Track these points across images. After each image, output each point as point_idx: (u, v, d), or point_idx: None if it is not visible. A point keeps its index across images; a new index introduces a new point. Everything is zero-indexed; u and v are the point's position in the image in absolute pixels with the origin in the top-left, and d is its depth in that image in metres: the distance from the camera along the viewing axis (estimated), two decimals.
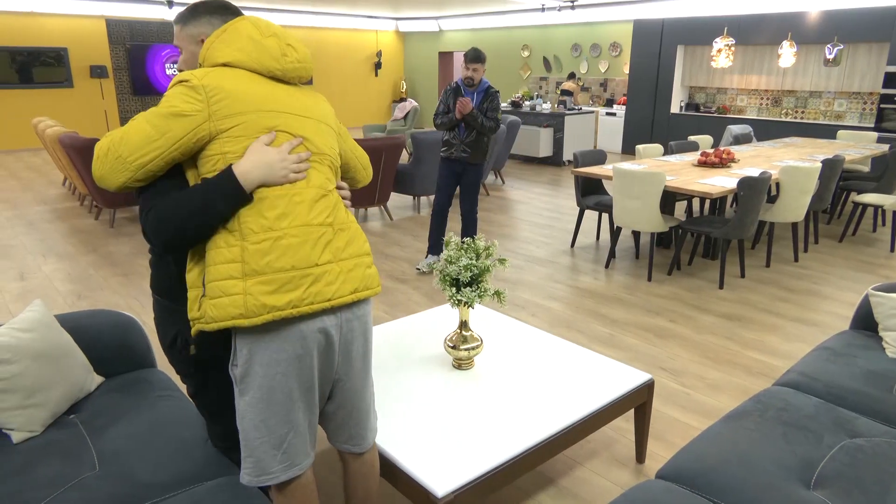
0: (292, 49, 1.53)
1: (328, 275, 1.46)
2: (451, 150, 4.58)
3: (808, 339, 3.73)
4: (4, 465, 1.70)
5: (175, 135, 1.38)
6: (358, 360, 1.60)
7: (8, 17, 10.80)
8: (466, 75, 4.44)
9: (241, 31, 1.48)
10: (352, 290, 1.50)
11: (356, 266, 1.53)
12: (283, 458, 1.52)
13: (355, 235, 1.56)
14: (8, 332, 1.87)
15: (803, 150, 6.63)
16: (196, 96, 1.38)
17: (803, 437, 1.86)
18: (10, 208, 6.92)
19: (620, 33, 11.55)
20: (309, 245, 1.44)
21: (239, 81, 1.44)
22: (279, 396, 1.47)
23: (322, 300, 1.44)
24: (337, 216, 1.53)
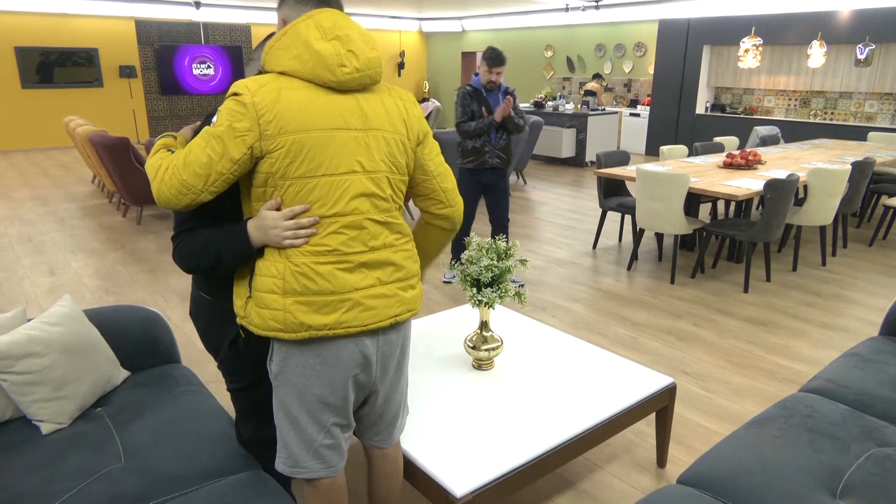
0: (353, 56, 1.39)
1: (368, 300, 1.45)
2: (483, 157, 4.22)
3: (836, 345, 3.66)
4: (34, 455, 1.74)
5: (232, 155, 1.36)
6: (393, 370, 1.61)
7: (41, 19, 11.06)
8: (489, 79, 4.16)
9: (299, 35, 1.38)
10: (392, 315, 1.50)
11: (400, 290, 1.51)
12: (316, 455, 1.55)
13: (407, 256, 1.53)
14: (39, 326, 1.92)
15: (832, 151, 6.50)
16: (246, 114, 1.35)
17: (830, 444, 1.82)
18: (42, 205, 7.08)
19: (645, 33, 11.43)
20: (349, 271, 1.43)
21: (295, 95, 1.37)
22: (311, 398, 1.50)
23: (359, 325, 1.45)
24: (387, 239, 1.49)
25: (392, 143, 1.48)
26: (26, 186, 8.14)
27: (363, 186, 1.43)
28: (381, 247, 1.48)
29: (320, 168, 1.39)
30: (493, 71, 4.15)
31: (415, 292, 1.56)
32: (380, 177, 1.46)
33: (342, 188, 1.41)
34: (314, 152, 1.38)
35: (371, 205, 1.45)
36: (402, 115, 1.51)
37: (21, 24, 10.87)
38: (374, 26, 14.86)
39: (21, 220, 6.40)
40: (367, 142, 1.44)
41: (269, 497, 1.61)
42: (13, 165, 9.81)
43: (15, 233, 5.91)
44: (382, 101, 1.48)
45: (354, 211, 1.43)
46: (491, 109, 4.20)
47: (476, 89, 4.24)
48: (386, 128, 1.47)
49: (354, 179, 1.42)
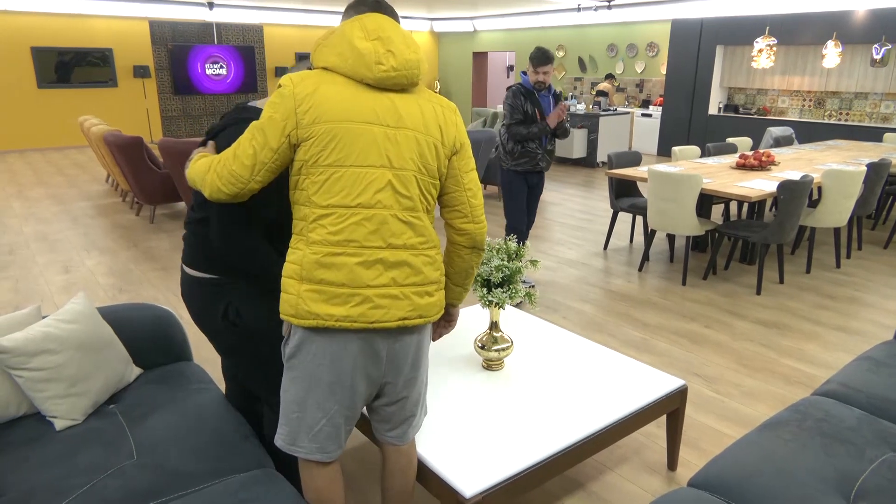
0: (391, 56, 1.44)
1: (380, 298, 1.48)
2: (535, 160, 4.09)
3: (850, 348, 3.62)
4: (48, 451, 1.76)
5: (272, 144, 1.43)
6: (406, 369, 1.62)
7: (57, 19, 11.18)
8: (537, 79, 3.98)
9: (345, 34, 1.46)
10: (400, 317, 1.51)
11: (414, 294, 1.52)
12: (314, 439, 1.59)
13: (427, 262, 1.54)
14: (53, 324, 1.94)
15: (847, 153, 6.43)
16: (285, 103, 1.43)
17: (844, 449, 1.80)
18: (57, 203, 7.16)
19: (658, 33, 11.37)
20: (364, 266, 1.46)
21: (333, 88, 1.44)
22: (319, 385, 1.54)
23: (365, 321, 1.48)
24: (410, 240, 1.50)
25: (423, 144, 1.50)
26: (42, 185, 8.24)
27: (388, 182, 1.46)
28: (402, 246, 1.50)
29: (349, 158, 1.44)
30: (539, 70, 3.99)
31: (432, 300, 1.56)
32: (407, 175, 1.49)
33: (368, 180, 1.45)
34: (344, 142, 1.43)
35: (395, 201, 1.48)
36: (437, 119, 1.53)
37: (37, 25, 11.00)
38: None
39: (36, 218, 6.48)
40: (398, 139, 1.47)
41: (280, 494, 1.62)
42: (29, 164, 9.93)
43: (31, 231, 5.98)
44: (419, 104, 1.52)
45: (378, 204, 1.46)
46: (542, 111, 4.06)
47: (528, 90, 4.07)
48: (419, 128, 1.50)
49: (380, 174, 1.46)
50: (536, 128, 3.99)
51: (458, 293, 1.73)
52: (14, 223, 6.25)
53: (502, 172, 4.25)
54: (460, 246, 1.64)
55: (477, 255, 1.67)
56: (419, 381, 1.69)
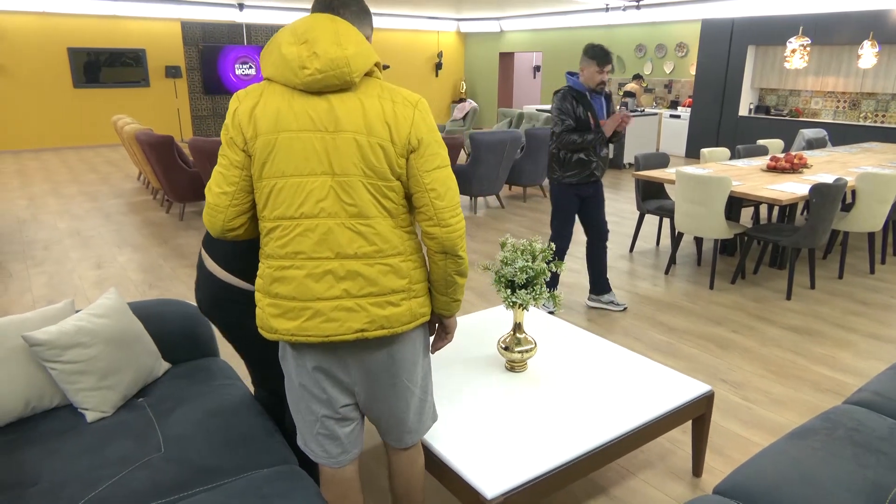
0: (315, 58, 1.36)
1: (332, 311, 1.44)
2: (590, 170, 3.75)
3: (884, 356, 3.52)
4: (79, 442, 1.81)
5: (234, 160, 1.45)
6: (383, 380, 1.58)
7: (92, 21, 11.45)
8: (601, 80, 3.64)
9: (277, 41, 1.41)
10: (356, 329, 1.45)
11: (372, 305, 1.46)
12: (316, 441, 1.65)
13: (386, 270, 1.46)
14: (86, 318, 1.99)
15: (883, 156, 6.27)
16: (234, 121, 1.44)
17: (875, 459, 1.76)
18: (90, 200, 7.33)
19: (687, 33, 11.22)
20: (313, 279, 1.43)
21: (271, 99, 1.41)
22: (301, 389, 1.61)
23: (320, 335, 1.45)
24: (362, 249, 1.44)
25: (365, 146, 1.40)
26: (76, 182, 8.44)
27: (330, 189, 1.41)
28: (353, 256, 1.44)
29: (287, 168, 1.41)
30: (604, 70, 3.63)
31: (397, 309, 1.48)
32: (351, 181, 1.41)
33: (308, 189, 1.41)
34: (282, 153, 1.40)
35: (341, 209, 1.42)
36: (385, 117, 1.42)
37: (73, 26, 11.28)
38: (411, 27, 14.94)
39: (71, 214, 6.64)
40: (337, 144, 1.40)
41: (304, 491, 1.64)
42: (64, 162, 10.18)
43: (65, 227, 6.13)
44: (362, 102, 1.41)
45: (321, 213, 1.42)
46: (597, 116, 3.70)
47: (579, 92, 3.68)
48: (359, 130, 1.40)
49: (321, 182, 1.41)
50: (592, 136, 3.63)
51: (443, 303, 1.60)
52: (49, 219, 6.42)
53: (551, 183, 3.89)
54: (432, 251, 1.53)
55: (452, 261, 1.52)
56: (404, 394, 1.62)
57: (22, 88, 11.05)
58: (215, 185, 1.47)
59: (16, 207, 6.93)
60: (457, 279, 1.56)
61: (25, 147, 11.32)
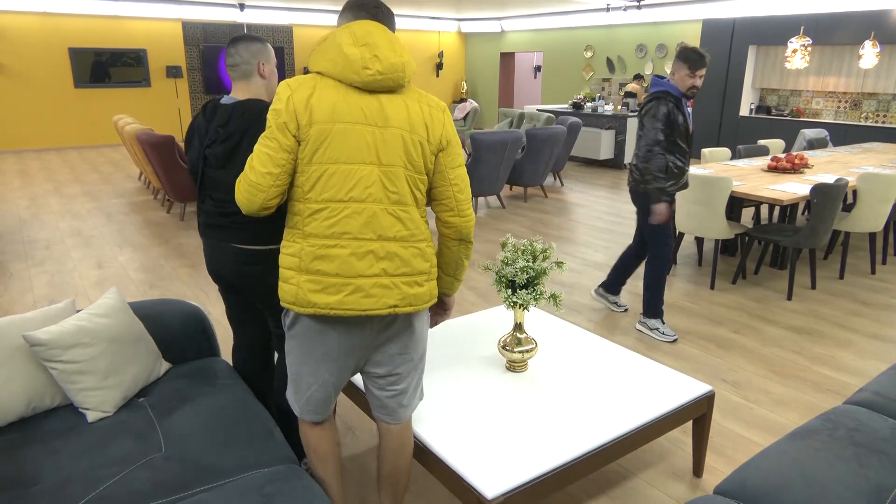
0: (377, 60, 1.53)
1: (371, 287, 1.59)
2: (683, 178, 3.54)
3: (885, 356, 3.52)
4: (80, 442, 1.81)
5: (285, 144, 1.55)
6: (396, 351, 1.74)
7: (94, 21, 11.46)
8: (693, 84, 3.44)
9: (336, 41, 1.56)
10: (390, 305, 1.62)
11: (404, 284, 1.63)
12: (308, 401, 1.78)
13: (417, 254, 1.65)
14: (87, 318, 1.99)
15: (885, 156, 6.26)
16: (285, 109, 1.55)
17: (877, 460, 1.76)
18: (92, 200, 7.34)
19: (688, 33, 11.21)
20: (356, 257, 1.58)
21: (325, 92, 1.55)
22: (311, 356, 1.71)
23: (358, 309, 1.60)
24: (399, 232, 1.61)
25: (409, 142, 1.59)
26: (78, 182, 8.45)
27: (377, 177, 1.58)
28: (392, 238, 1.60)
29: (340, 156, 1.55)
30: (697, 74, 3.41)
31: (421, 290, 1.66)
32: (395, 171, 1.59)
33: (358, 176, 1.56)
34: (336, 142, 1.54)
35: (385, 196, 1.59)
36: (424, 118, 1.62)
37: (75, 27, 11.29)
38: (412, 27, 14.94)
39: (72, 214, 6.65)
40: (385, 137, 1.57)
41: (305, 491, 1.64)
42: (66, 162, 10.19)
43: (66, 227, 6.14)
44: (406, 104, 1.60)
45: (368, 198, 1.57)
46: (689, 125, 3.52)
47: (676, 97, 3.44)
48: (405, 127, 1.59)
49: (370, 170, 1.57)
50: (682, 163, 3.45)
51: (449, 283, 1.82)
52: (51, 219, 6.43)
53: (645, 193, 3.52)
54: (448, 238, 1.73)
55: (465, 246, 1.75)
56: (411, 365, 1.78)
57: (23, 88, 11.06)
58: (260, 166, 1.55)
59: (17, 207, 6.94)
60: (465, 262, 1.80)
61: (27, 147, 11.33)
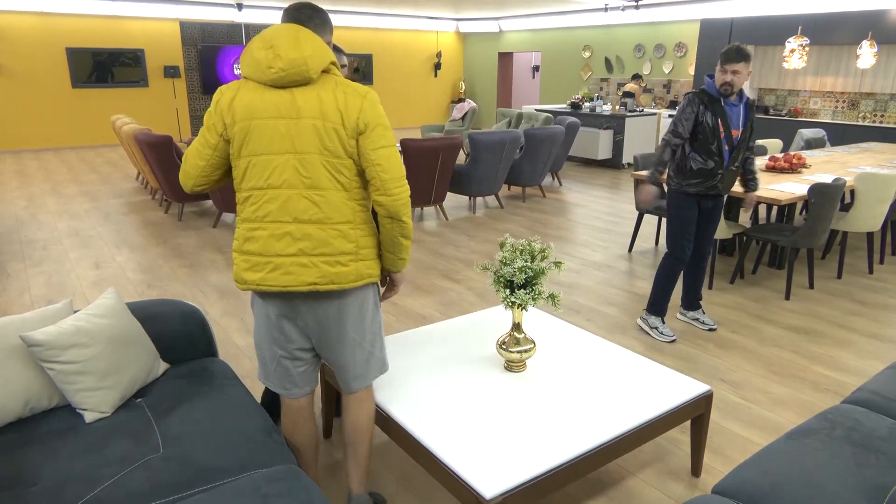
0: (278, 59, 1.68)
1: (291, 265, 1.76)
2: (713, 182, 3.42)
3: (883, 355, 3.53)
4: (78, 442, 1.81)
5: (209, 142, 1.80)
6: (332, 328, 1.88)
7: (92, 21, 11.44)
8: (724, 80, 3.28)
9: (250, 47, 1.73)
10: (309, 282, 1.77)
11: (324, 263, 1.77)
12: (272, 376, 1.98)
13: (337, 235, 1.77)
14: (84, 318, 1.99)
15: (882, 156, 6.27)
16: (216, 110, 1.77)
17: (875, 459, 1.76)
18: (90, 200, 7.33)
19: (686, 33, 11.22)
20: (275, 238, 1.76)
21: (244, 93, 1.74)
22: (263, 332, 1.94)
23: (278, 285, 1.78)
24: (316, 215, 1.75)
25: (321, 129, 1.72)
26: (75, 182, 8.44)
27: (292, 165, 1.73)
28: (307, 221, 1.75)
29: (259, 148, 1.74)
30: (727, 69, 3.25)
31: (345, 269, 1.79)
32: (310, 157, 1.73)
33: (274, 165, 1.73)
34: (255, 136, 1.73)
35: (299, 181, 1.74)
36: (337, 105, 1.72)
37: (72, 26, 11.27)
38: (410, 27, 14.94)
39: (70, 214, 6.64)
40: (298, 128, 1.72)
41: (303, 491, 1.63)
42: (64, 162, 10.18)
43: (64, 227, 6.13)
44: (319, 94, 1.72)
45: (283, 184, 1.74)
46: (728, 124, 3.33)
47: (712, 96, 3.33)
48: (316, 116, 1.71)
49: (285, 159, 1.73)
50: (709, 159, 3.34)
51: (392, 261, 1.92)
52: (48, 219, 6.41)
53: (669, 191, 3.58)
54: (381, 216, 1.83)
55: (398, 225, 1.82)
56: (351, 345, 1.92)
57: (21, 88, 11.04)
58: (192, 157, 1.82)
59: (15, 207, 6.93)
60: (401, 241, 1.87)
61: (25, 147, 11.31)
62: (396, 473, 2.43)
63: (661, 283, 3.67)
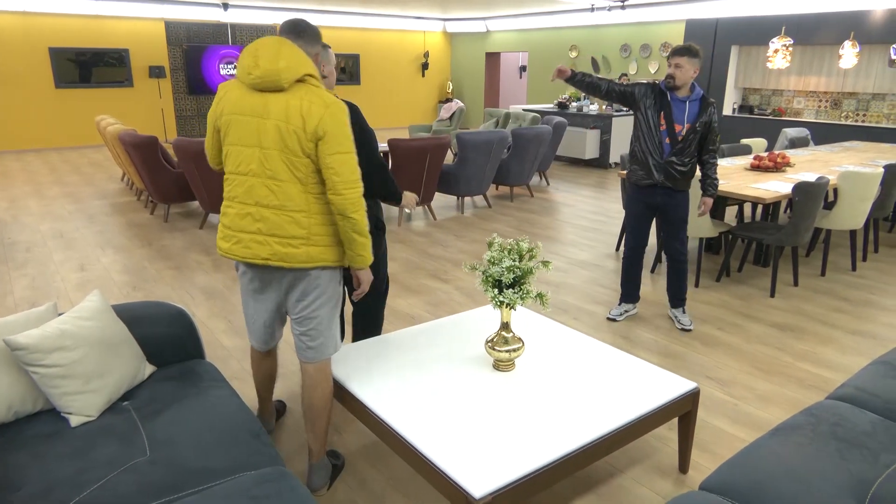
0: (257, 67, 1.95)
1: (250, 241, 2.06)
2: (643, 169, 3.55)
3: (866, 352, 3.58)
4: (64, 446, 1.79)
5: (210, 129, 2.15)
6: (296, 303, 2.17)
7: (75, 20, 11.31)
8: (668, 72, 3.38)
9: (242, 53, 2.01)
10: (263, 257, 2.06)
11: (276, 243, 2.04)
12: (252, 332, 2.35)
13: (289, 221, 2.02)
14: (69, 321, 1.97)
15: (864, 154, 6.36)
16: (215, 104, 2.10)
17: (858, 454, 1.78)
18: (74, 202, 7.25)
19: (672, 33, 11.30)
20: (240, 217, 2.07)
21: (233, 91, 2.05)
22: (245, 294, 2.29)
23: (239, 255, 2.09)
24: (274, 202, 2.01)
25: (283, 130, 1.96)
26: (59, 184, 8.34)
27: (258, 157, 2.01)
28: (266, 206, 2.02)
29: (235, 139, 2.04)
30: (671, 62, 3.36)
31: (296, 251, 2.04)
32: (271, 153, 1.99)
33: (244, 155, 2.03)
34: (233, 128, 2.04)
35: (262, 171, 2.01)
36: (301, 112, 1.95)
37: (55, 26, 11.13)
38: (398, 27, 14.92)
39: (53, 216, 6.56)
40: (265, 126, 1.98)
41: (292, 492, 1.63)
42: (47, 163, 10.05)
43: (47, 229, 6.05)
44: (287, 100, 1.96)
45: (249, 173, 2.03)
46: (670, 118, 3.42)
47: (661, 90, 3.45)
48: (281, 118, 1.96)
49: (252, 151, 2.01)
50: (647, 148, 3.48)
51: (350, 257, 2.13)
52: (31, 221, 6.33)
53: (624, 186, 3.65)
54: (334, 213, 2.04)
55: (348, 221, 2.03)
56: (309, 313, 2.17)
57: (2, 89, 10.89)
58: (206, 141, 2.20)
59: None
60: (354, 236, 2.07)
61: (7, 148, 11.15)
62: (386, 474, 2.43)
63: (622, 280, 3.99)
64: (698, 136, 3.47)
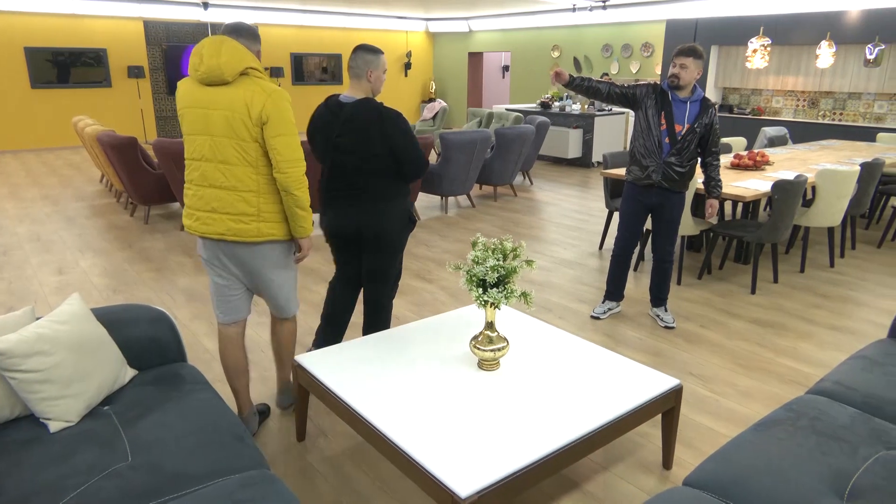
0: (201, 64, 2.20)
1: (207, 218, 2.31)
2: (647, 172, 3.53)
3: (844, 347, 3.64)
4: (43, 453, 1.76)
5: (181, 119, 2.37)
6: (252, 275, 2.45)
7: (51, 19, 11.12)
8: (672, 72, 3.38)
9: (192, 53, 2.23)
10: (219, 233, 2.31)
11: (229, 220, 2.29)
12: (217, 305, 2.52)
13: (239, 199, 2.27)
14: (47, 325, 1.93)
15: (841, 153, 6.47)
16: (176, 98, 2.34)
17: (837, 447, 1.81)
18: (51, 204, 7.13)
19: (653, 33, 11.40)
20: (197, 197, 2.32)
21: (186, 86, 2.30)
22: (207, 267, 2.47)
23: (199, 231, 2.34)
24: (225, 183, 2.26)
25: (230, 119, 2.21)
26: (36, 186, 8.20)
27: (208, 144, 2.26)
28: (219, 187, 2.27)
29: (188, 129, 2.29)
30: (676, 62, 3.36)
31: (247, 227, 2.30)
32: (220, 140, 2.24)
33: (197, 143, 2.28)
34: (187, 119, 2.29)
35: (213, 156, 2.26)
36: (245, 101, 2.19)
37: (31, 25, 10.94)
38: (380, 27, 14.88)
39: (30, 219, 6.44)
40: (213, 116, 2.23)
41: (276, 496, 1.62)
42: (23, 165, 9.88)
43: (24, 232, 5.95)
44: (233, 92, 2.21)
45: (202, 158, 2.28)
46: (672, 118, 3.42)
47: (662, 90, 3.45)
48: (226, 108, 2.21)
49: (203, 139, 2.26)
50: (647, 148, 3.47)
51: (293, 227, 2.39)
52: (8, 224, 6.22)
53: None
54: (280, 190, 2.31)
55: (291, 197, 2.30)
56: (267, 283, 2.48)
57: None
58: None
59: None
60: (297, 211, 2.35)
61: None
62: (372, 476, 2.42)
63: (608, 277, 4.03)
64: (697, 136, 3.46)
